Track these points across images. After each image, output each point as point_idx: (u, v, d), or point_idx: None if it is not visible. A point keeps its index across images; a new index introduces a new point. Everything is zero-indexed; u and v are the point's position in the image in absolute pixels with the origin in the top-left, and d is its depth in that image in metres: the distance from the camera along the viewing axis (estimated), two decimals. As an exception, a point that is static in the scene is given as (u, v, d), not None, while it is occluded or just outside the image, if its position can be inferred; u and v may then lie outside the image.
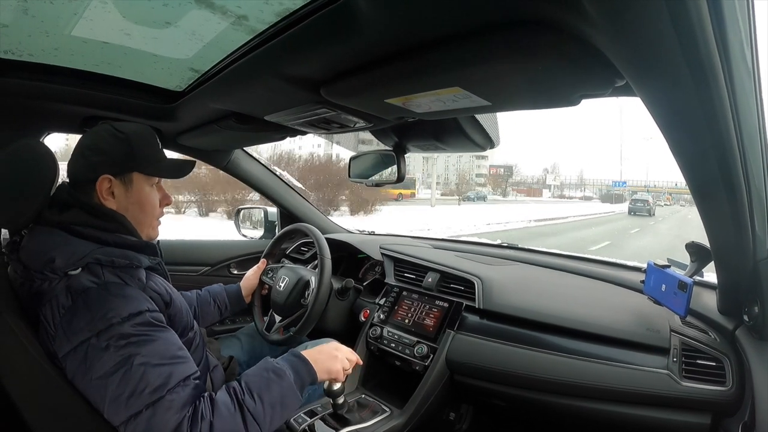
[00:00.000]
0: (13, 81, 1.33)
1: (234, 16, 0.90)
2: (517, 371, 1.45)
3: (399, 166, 1.61)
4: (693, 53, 0.56)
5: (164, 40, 1.10)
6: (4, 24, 1.04)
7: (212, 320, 1.79)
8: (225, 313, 1.82)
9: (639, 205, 34.70)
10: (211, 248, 2.58)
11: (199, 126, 1.73)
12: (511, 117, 71.35)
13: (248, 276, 1.97)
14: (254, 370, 1.15)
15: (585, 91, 0.84)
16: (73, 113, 1.64)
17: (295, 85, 1.06)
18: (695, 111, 0.68)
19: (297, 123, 1.40)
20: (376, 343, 1.78)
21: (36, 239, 1.07)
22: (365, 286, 2.11)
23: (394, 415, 1.54)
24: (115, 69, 1.36)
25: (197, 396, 1.00)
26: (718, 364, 1.26)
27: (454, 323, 1.66)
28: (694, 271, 1.36)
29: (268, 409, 1.06)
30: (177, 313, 1.19)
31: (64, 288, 1.00)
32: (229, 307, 1.83)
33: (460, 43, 0.74)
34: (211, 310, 1.77)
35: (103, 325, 0.95)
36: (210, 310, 1.77)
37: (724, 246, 1.12)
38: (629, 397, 1.30)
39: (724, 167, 0.80)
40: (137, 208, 1.19)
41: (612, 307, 1.53)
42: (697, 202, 0.95)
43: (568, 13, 0.59)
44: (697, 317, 1.40)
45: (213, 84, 1.26)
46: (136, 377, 0.93)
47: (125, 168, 1.16)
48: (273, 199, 2.59)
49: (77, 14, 0.98)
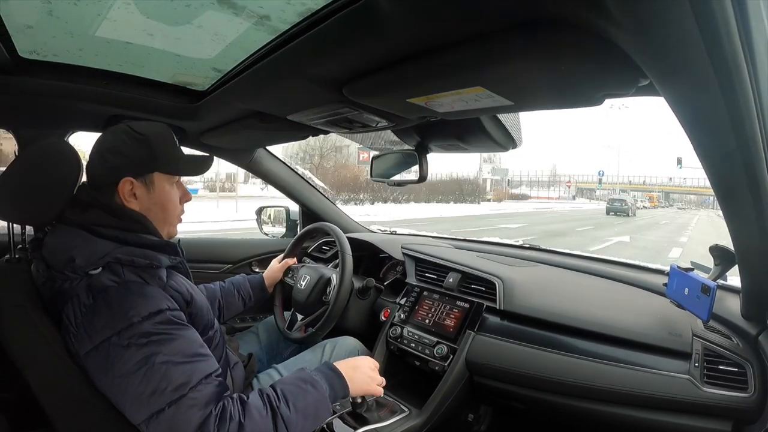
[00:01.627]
0: (38, 81, 1.35)
1: (256, 17, 0.91)
2: (536, 373, 1.43)
3: (421, 165, 1.60)
4: (718, 52, 0.55)
5: (187, 41, 1.11)
6: (29, 25, 1.06)
7: (236, 311, 1.82)
8: (249, 304, 1.85)
9: (617, 205, 34.30)
10: (232, 246, 2.60)
11: (222, 125, 1.74)
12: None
13: (272, 267, 1.99)
14: (290, 379, 1.15)
15: (608, 91, 0.83)
16: (98, 112, 1.66)
17: (318, 85, 1.06)
18: (720, 112, 0.66)
19: (319, 122, 1.40)
20: (396, 342, 1.77)
21: (57, 238, 1.09)
22: (386, 285, 2.11)
23: (413, 415, 1.53)
24: (138, 69, 1.37)
25: (221, 393, 1.00)
26: (741, 370, 1.23)
27: (475, 324, 1.64)
28: (718, 275, 1.34)
29: (300, 419, 1.06)
30: (198, 311, 1.19)
31: (85, 287, 1.02)
32: (252, 297, 1.85)
33: (482, 42, 0.73)
34: (235, 302, 1.80)
35: (124, 324, 0.96)
36: (234, 301, 1.80)
37: (748, 249, 1.09)
38: (649, 401, 1.28)
39: (750, 169, 0.78)
40: (159, 208, 1.20)
41: (633, 309, 1.51)
42: (722, 204, 0.93)
43: (591, 12, 0.58)
44: (720, 322, 1.37)
45: (236, 84, 1.27)
46: (158, 375, 0.94)
47: (147, 169, 1.16)
48: (295, 197, 2.60)
49: (101, 15, 0.99)
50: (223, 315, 1.76)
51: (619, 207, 33.65)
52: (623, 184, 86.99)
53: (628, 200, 35.00)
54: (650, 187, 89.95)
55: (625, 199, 35.39)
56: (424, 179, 1.62)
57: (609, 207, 34.37)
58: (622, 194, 42.84)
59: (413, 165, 1.64)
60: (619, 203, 34.54)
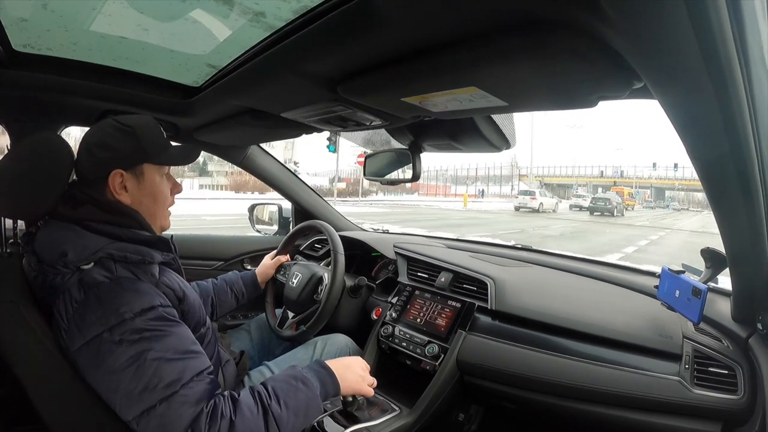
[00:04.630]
0: (31, 74, 1.34)
1: (251, 13, 0.91)
2: (527, 374, 1.44)
3: (414, 164, 1.60)
4: (712, 56, 0.55)
5: (181, 36, 1.11)
6: (23, 18, 1.05)
7: (229, 308, 1.82)
8: (241, 301, 1.85)
9: (600, 204, 33.40)
10: (225, 243, 2.59)
11: (215, 122, 1.74)
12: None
13: (265, 264, 1.99)
14: (281, 377, 1.15)
15: (602, 93, 0.83)
16: (91, 107, 1.66)
17: (312, 83, 1.06)
18: (713, 115, 0.67)
19: (313, 120, 1.40)
20: (388, 341, 1.78)
21: (49, 232, 1.08)
22: (378, 284, 2.11)
23: (403, 414, 1.53)
24: (132, 64, 1.37)
25: (212, 391, 1.00)
26: (731, 372, 1.25)
27: (466, 324, 1.65)
28: (709, 278, 1.35)
29: (292, 417, 1.06)
30: (190, 308, 1.19)
31: (77, 282, 1.01)
32: (245, 294, 1.85)
33: (477, 43, 0.73)
34: (228, 299, 1.80)
35: (116, 320, 0.96)
36: (227, 298, 1.79)
37: (739, 253, 1.10)
38: (639, 403, 1.29)
39: (742, 173, 0.79)
40: (150, 199, 1.20)
41: (625, 311, 1.52)
42: (713, 206, 0.94)
43: (586, 14, 0.58)
44: (711, 324, 1.39)
45: (230, 80, 1.27)
46: (149, 372, 0.94)
47: (135, 160, 1.16)
48: (287, 195, 2.60)
49: (95, 9, 0.99)
50: (216, 312, 1.75)
51: (603, 206, 32.95)
52: (584, 177, 78.42)
53: (613, 199, 34.32)
54: (629, 181, 74.03)
55: (609, 198, 34.70)
56: (417, 178, 1.62)
57: (592, 207, 33.72)
58: (607, 193, 41.51)
59: (407, 164, 1.64)
60: (603, 202, 33.80)
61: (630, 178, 77.49)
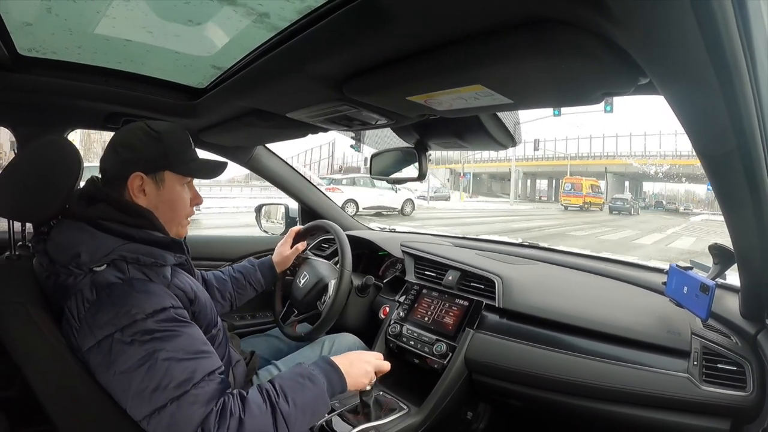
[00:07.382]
0: (37, 78, 1.35)
1: (256, 14, 0.91)
2: (535, 372, 1.44)
3: (420, 163, 1.59)
4: (718, 52, 0.55)
5: (186, 38, 1.11)
6: (27, 22, 1.06)
7: (247, 298, 1.80)
8: (259, 290, 1.83)
9: (619, 204, 34.27)
10: (232, 243, 2.60)
11: (221, 123, 1.74)
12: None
13: (283, 253, 1.93)
14: (288, 374, 1.15)
15: (608, 89, 0.82)
16: (97, 110, 1.66)
17: (317, 83, 1.06)
18: (720, 111, 0.67)
19: (319, 120, 1.40)
20: (395, 340, 1.78)
21: (63, 233, 1.08)
22: (385, 283, 2.11)
23: (412, 412, 1.53)
24: (137, 66, 1.37)
25: (223, 390, 1.00)
26: (739, 369, 1.24)
27: (474, 322, 1.65)
28: (717, 274, 1.34)
29: (300, 414, 1.06)
30: (201, 309, 1.19)
31: (89, 282, 1.02)
32: (263, 284, 1.83)
33: (482, 41, 0.73)
34: (246, 292, 1.79)
35: (127, 321, 0.96)
36: (245, 292, 1.79)
37: (747, 248, 1.10)
38: (648, 400, 1.28)
39: (749, 168, 0.79)
40: (167, 206, 1.20)
41: (633, 308, 1.52)
42: (721, 203, 0.94)
43: (591, 12, 0.58)
44: (719, 320, 1.38)
45: (235, 81, 1.27)
46: (160, 372, 0.94)
47: (157, 166, 1.16)
48: (294, 195, 2.59)
49: (100, 12, 0.99)
50: (234, 304, 1.75)
51: (622, 206, 33.76)
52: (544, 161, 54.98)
53: (629, 199, 35.09)
54: (592, 162, 50.97)
55: (627, 198, 35.44)
56: (423, 177, 1.61)
57: (612, 206, 34.42)
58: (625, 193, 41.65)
59: (413, 162, 1.64)
60: (621, 202, 34.62)
61: (594, 158, 53.39)
